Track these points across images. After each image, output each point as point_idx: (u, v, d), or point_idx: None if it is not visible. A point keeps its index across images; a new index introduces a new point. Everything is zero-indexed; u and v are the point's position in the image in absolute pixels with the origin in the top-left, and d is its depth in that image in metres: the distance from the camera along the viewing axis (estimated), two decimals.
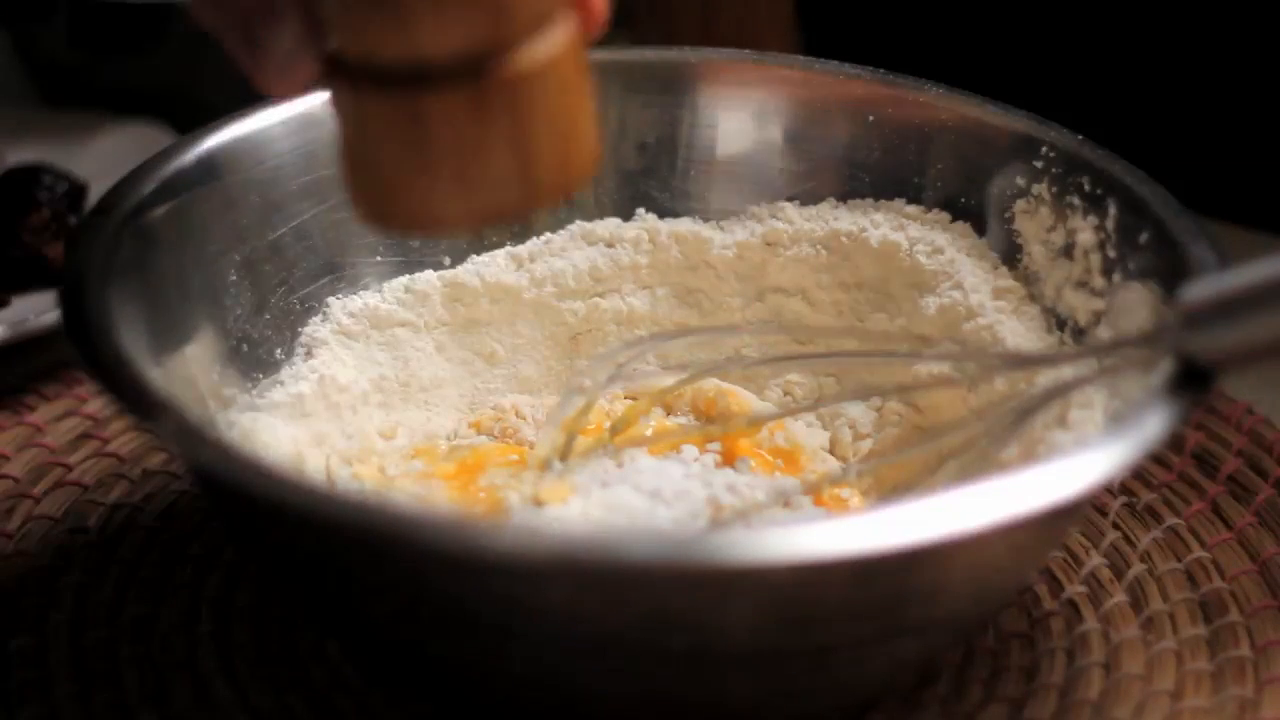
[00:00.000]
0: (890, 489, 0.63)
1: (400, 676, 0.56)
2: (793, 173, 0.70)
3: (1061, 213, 0.63)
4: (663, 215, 0.70)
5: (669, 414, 0.67)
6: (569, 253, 0.70)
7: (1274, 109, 0.87)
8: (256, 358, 0.63)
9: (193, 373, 0.59)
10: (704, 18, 0.98)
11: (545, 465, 0.61)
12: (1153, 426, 0.49)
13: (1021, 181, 0.65)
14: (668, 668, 0.49)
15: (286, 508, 0.47)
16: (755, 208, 0.70)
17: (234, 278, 0.62)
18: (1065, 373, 0.58)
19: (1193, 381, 0.50)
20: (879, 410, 0.67)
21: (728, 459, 0.63)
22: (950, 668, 0.59)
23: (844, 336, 0.69)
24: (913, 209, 0.68)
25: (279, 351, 0.64)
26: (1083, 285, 0.62)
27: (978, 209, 0.67)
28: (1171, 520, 0.66)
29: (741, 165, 0.71)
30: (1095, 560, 0.64)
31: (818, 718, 0.57)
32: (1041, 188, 0.64)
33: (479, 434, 0.67)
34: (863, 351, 0.68)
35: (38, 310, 0.75)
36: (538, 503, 0.58)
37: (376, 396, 0.66)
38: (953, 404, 0.64)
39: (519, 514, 0.58)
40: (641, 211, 0.71)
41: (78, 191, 0.82)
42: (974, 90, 0.68)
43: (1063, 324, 0.63)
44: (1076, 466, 0.48)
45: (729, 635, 0.48)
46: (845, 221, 0.69)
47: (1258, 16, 0.86)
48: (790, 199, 0.70)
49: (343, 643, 0.59)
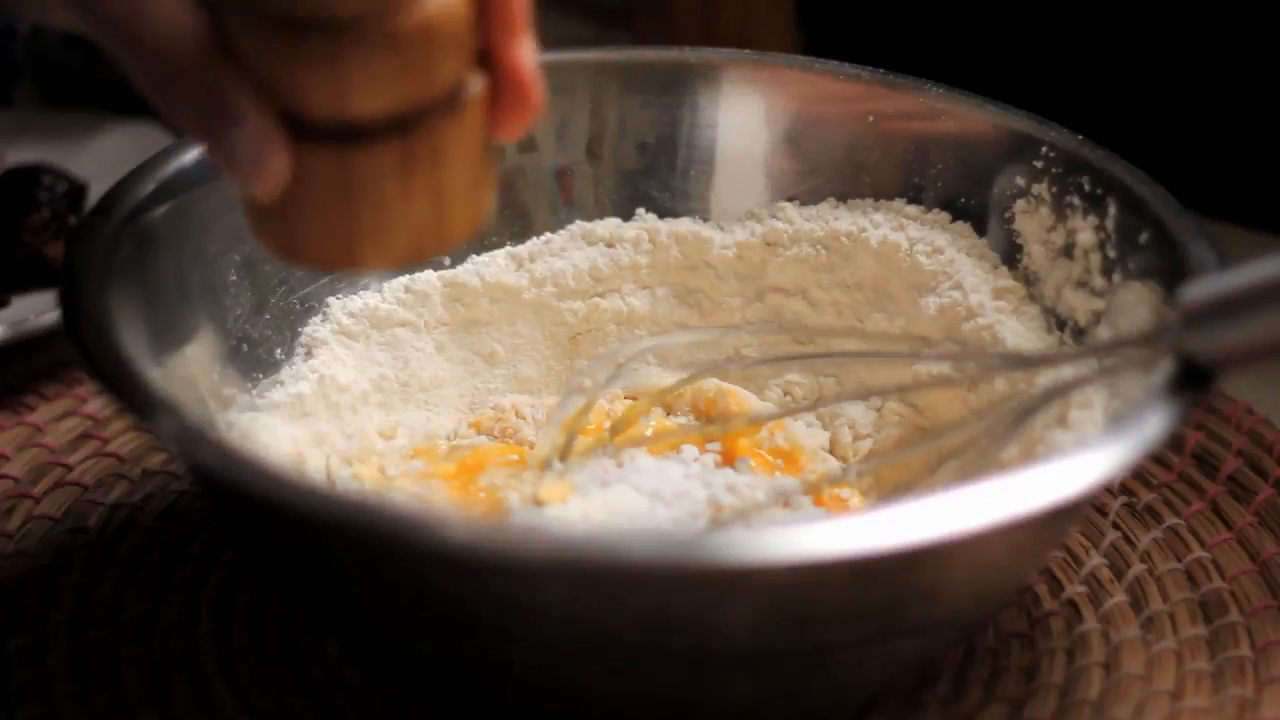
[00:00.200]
0: (890, 489, 0.63)
1: (400, 677, 0.56)
2: (793, 173, 0.70)
3: (1061, 213, 0.63)
4: (663, 215, 0.70)
5: (669, 414, 0.67)
6: (569, 253, 0.70)
7: (1274, 109, 0.87)
8: (256, 358, 0.63)
9: (193, 373, 0.59)
10: (704, 18, 0.98)
11: (545, 465, 0.61)
12: (1153, 426, 0.49)
13: (1021, 181, 0.65)
14: (667, 668, 0.49)
15: (286, 508, 0.47)
16: (755, 208, 0.70)
17: (234, 278, 0.62)
18: (1065, 373, 0.58)
19: (1193, 381, 0.50)
20: (879, 410, 0.67)
21: (728, 459, 0.63)
22: (950, 668, 0.59)
23: (844, 337, 0.69)
24: (913, 209, 0.68)
25: (279, 351, 0.64)
26: (1083, 285, 0.62)
27: (978, 209, 0.67)
28: (1171, 520, 0.66)
29: (741, 165, 0.71)
30: (1095, 560, 0.64)
31: (817, 718, 0.57)
32: (1041, 188, 0.64)
33: (479, 434, 0.67)
34: (863, 352, 0.68)
35: (38, 310, 0.75)
36: (538, 503, 0.58)
37: (376, 396, 0.66)
38: (953, 404, 0.64)
39: (519, 514, 0.58)
40: (641, 211, 0.71)
41: (78, 191, 0.82)
42: (974, 90, 0.68)
43: (1063, 324, 0.63)
44: (1076, 466, 0.48)
45: (729, 636, 0.48)
46: (845, 221, 0.69)
47: (1258, 16, 0.86)
48: (790, 199, 0.70)
49: (342, 643, 0.59)
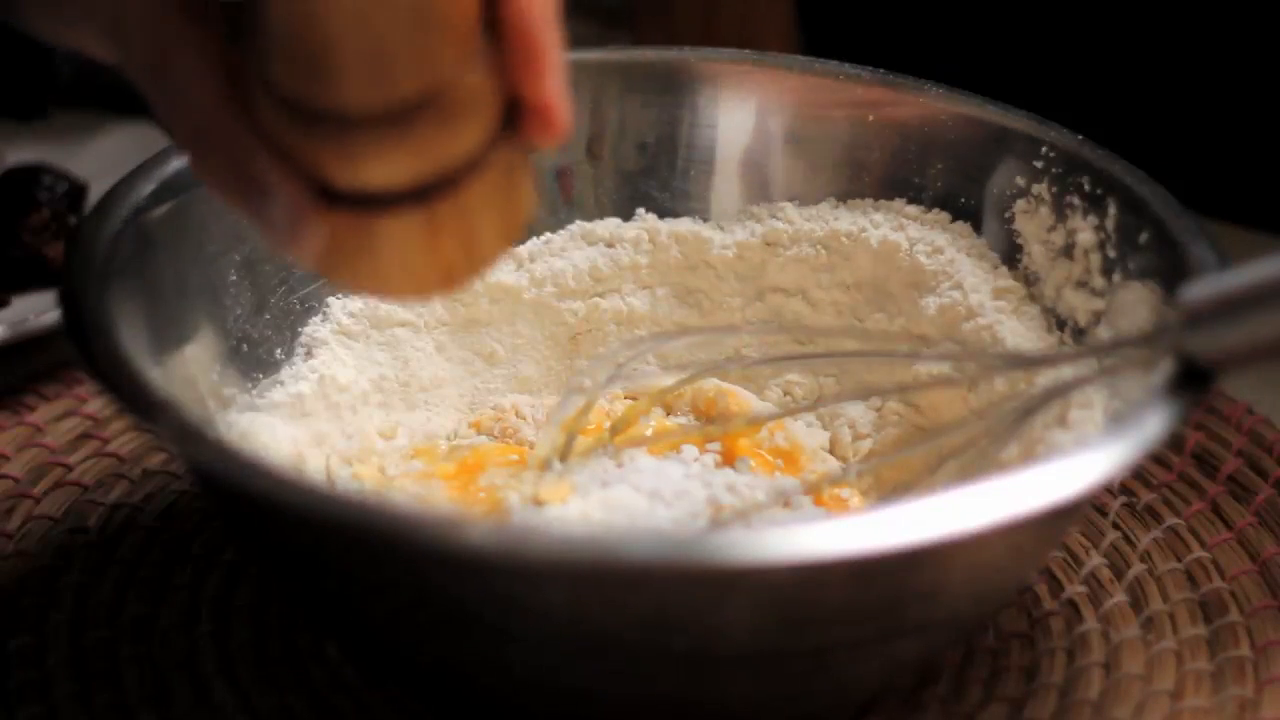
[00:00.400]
0: (890, 489, 0.63)
1: (400, 677, 0.56)
2: (793, 173, 0.70)
3: (1061, 213, 0.63)
4: (663, 215, 0.70)
5: (669, 414, 0.67)
6: (569, 253, 0.69)
7: (1274, 109, 0.87)
8: (256, 358, 0.63)
9: (193, 373, 0.59)
10: (704, 18, 0.98)
11: (545, 465, 0.61)
12: (1153, 426, 0.49)
13: (1021, 181, 0.65)
14: (667, 668, 0.49)
15: (286, 508, 0.47)
16: (755, 208, 0.70)
17: (234, 278, 0.62)
18: (1065, 373, 0.58)
19: (1193, 381, 0.50)
20: (879, 410, 0.67)
21: (728, 459, 0.63)
22: (950, 668, 0.59)
23: (844, 336, 0.69)
24: (913, 209, 0.68)
25: (279, 351, 0.64)
26: (1083, 285, 0.62)
27: (978, 209, 0.67)
28: (1171, 520, 0.66)
29: (741, 165, 0.71)
30: (1095, 560, 0.64)
31: (817, 718, 0.57)
32: (1041, 188, 0.64)
33: (479, 434, 0.66)
34: (863, 351, 0.68)
35: (38, 310, 0.75)
36: (538, 503, 0.58)
37: (376, 396, 0.66)
38: (953, 404, 0.64)
39: (519, 514, 0.58)
40: (641, 211, 0.70)
41: (78, 191, 0.82)
42: (974, 90, 0.68)
43: (1063, 324, 0.63)
44: (1076, 466, 0.48)
45: (729, 636, 0.48)
46: (845, 221, 0.69)
47: (1258, 16, 0.86)
48: (790, 199, 0.70)
49: (342, 643, 0.59)
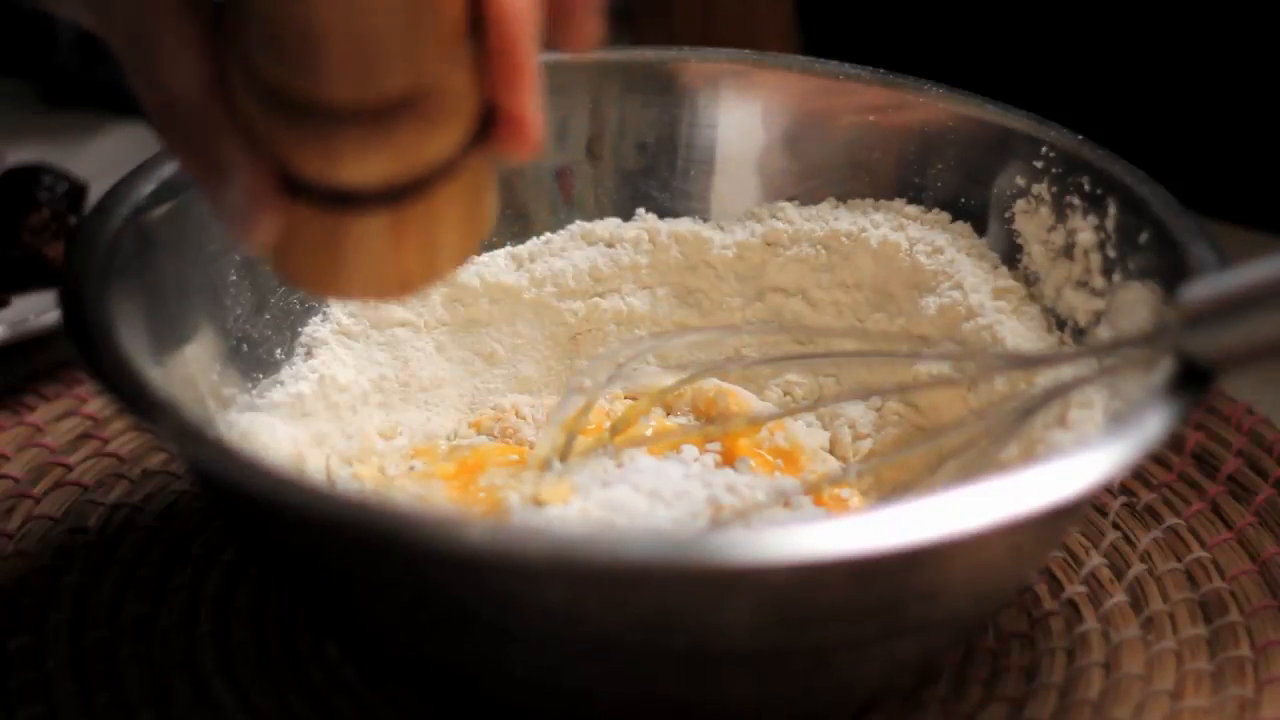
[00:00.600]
0: (890, 489, 0.63)
1: (400, 677, 0.56)
2: (793, 173, 0.70)
3: (1061, 213, 0.63)
4: (663, 215, 0.70)
5: (669, 414, 0.67)
6: (569, 253, 0.69)
7: (1274, 109, 0.87)
8: (256, 358, 0.63)
9: (193, 373, 0.59)
10: (704, 18, 0.98)
11: (545, 465, 0.61)
12: (1153, 426, 0.49)
13: (1021, 181, 0.65)
14: (668, 668, 0.49)
15: (286, 508, 0.47)
16: (755, 208, 0.70)
17: (234, 278, 0.62)
18: (1065, 373, 0.58)
19: (1193, 381, 0.50)
20: (879, 410, 0.67)
21: (728, 459, 0.63)
22: (950, 668, 0.59)
23: (844, 336, 0.69)
24: (913, 209, 0.68)
25: (279, 351, 0.64)
26: (1083, 285, 0.62)
27: (978, 209, 0.67)
28: (1171, 520, 0.66)
29: (741, 165, 0.71)
30: (1095, 560, 0.64)
31: (818, 718, 0.57)
32: (1041, 188, 0.64)
33: (479, 434, 0.66)
34: (863, 351, 0.68)
35: (38, 310, 0.75)
36: (538, 503, 0.58)
37: (376, 396, 0.66)
38: (953, 404, 0.64)
39: (519, 514, 0.58)
40: (641, 211, 0.70)
41: (78, 191, 0.82)
42: (974, 90, 0.67)
43: (1063, 324, 0.63)
44: (1076, 466, 0.48)
45: (729, 635, 0.48)
46: (845, 221, 0.69)
47: (1258, 16, 0.86)
48: (790, 199, 0.70)
49: (342, 643, 0.59)
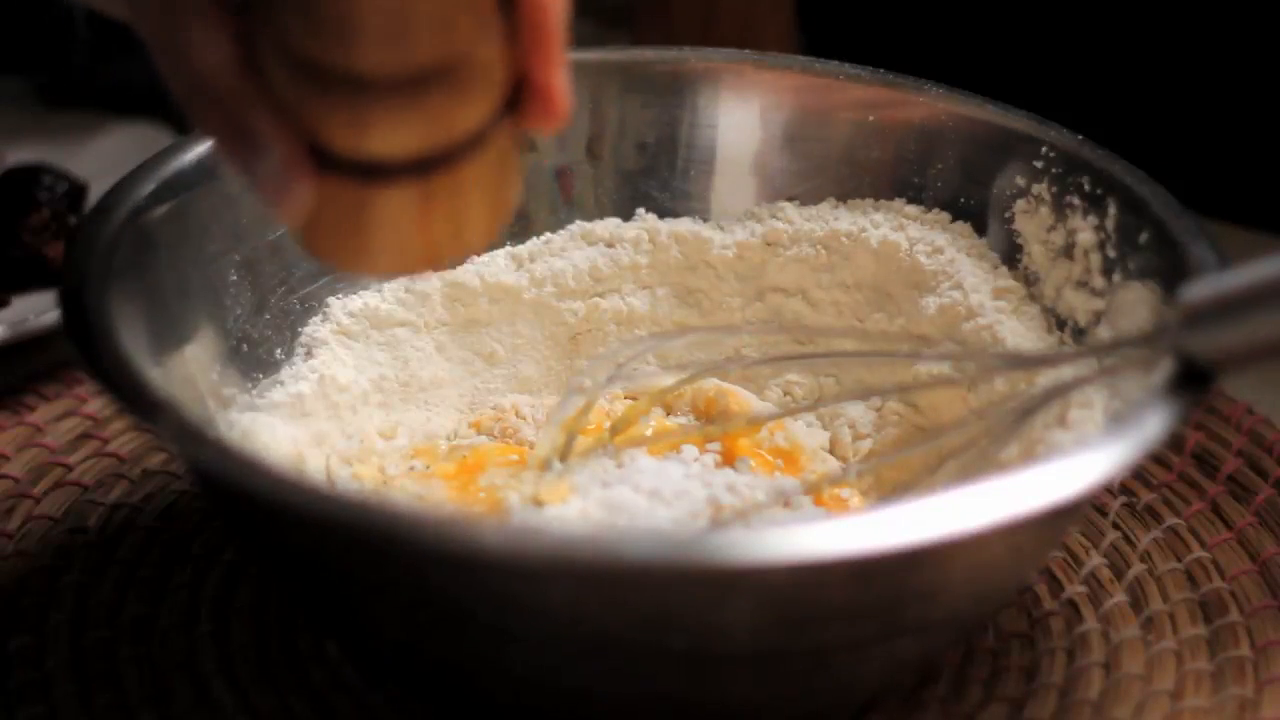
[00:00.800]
0: (890, 489, 0.63)
1: (400, 677, 0.56)
2: (793, 173, 0.70)
3: (1061, 213, 0.63)
4: (663, 215, 0.70)
5: (669, 414, 0.67)
6: (569, 253, 0.69)
7: (1274, 109, 0.87)
8: (256, 358, 0.63)
9: (193, 373, 0.59)
10: (704, 18, 0.98)
11: (545, 465, 0.61)
12: (1153, 426, 0.49)
13: (1021, 181, 0.65)
14: (668, 668, 0.49)
15: (286, 507, 0.47)
16: (755, 208, 0.70)
17: (234, 278, 0.62)
18: (1065, 373, 0.58)
19: (1193, 381, 0.50)
20: (879, 410, 0.67)
21: (728, 459, 0.63)
22: (950, 668, 0.59)
23: (844, 336, 0.69)
24: (913, 209, 0.68)
25: (279, 351, 0.64)
26: (1083, 285, 0.62)
27: (978, 209, 0.67)
28: (1171, 520, 0.66)
29: (741, 165, 0.71)
30: (1095, 560, 0.64)
31: (818, 718, 0.57)
32: (1041, 188, 0.64)
33: (479, 434, 0.66)
34: (863, 351, 0.68)
35: (38, 310, 0.75)
36: (538, 503, 0.58)
37: (376, 396, 0.66)
38: (953, 404, 0.64)
39: (519, 514, 0.58)
40: (641, 211, 0.70)
41: (78, 191, 0.82)
42: (974, 90, 0.68)
43: (1063, 324, 0.63)
44: (1076, 466, 0.48)
45: (729, 635, 0.48)
46: (845, 221, 0.69)
47: (1258, 16, 0.86)
48: (790, 199, 0.70)
49: (342, 643, 0.59)
